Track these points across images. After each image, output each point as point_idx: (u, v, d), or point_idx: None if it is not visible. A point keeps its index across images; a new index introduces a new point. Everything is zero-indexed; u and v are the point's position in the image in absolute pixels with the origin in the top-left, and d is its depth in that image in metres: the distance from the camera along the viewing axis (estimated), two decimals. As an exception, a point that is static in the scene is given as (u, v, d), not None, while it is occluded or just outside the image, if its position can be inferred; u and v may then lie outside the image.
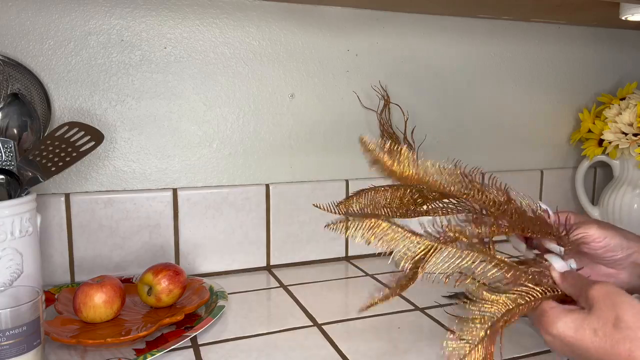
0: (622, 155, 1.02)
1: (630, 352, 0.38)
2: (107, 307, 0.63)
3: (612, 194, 1.04)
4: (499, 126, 1.06)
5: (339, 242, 0.94)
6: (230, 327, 0.66)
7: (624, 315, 0.40)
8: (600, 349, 0.40)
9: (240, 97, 0.85)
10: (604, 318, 0.40)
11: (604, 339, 0.40)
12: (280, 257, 0.90)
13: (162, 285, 0.67)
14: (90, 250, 0.79)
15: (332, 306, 0.73)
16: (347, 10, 0.90)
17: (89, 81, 0.77)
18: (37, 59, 0.74)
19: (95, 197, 0.78)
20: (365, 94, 0.93)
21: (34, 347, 0.49)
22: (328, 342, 0.62)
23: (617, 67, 1.15)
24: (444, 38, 0.98)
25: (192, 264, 0.84)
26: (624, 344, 0.39)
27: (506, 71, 1.05)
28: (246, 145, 0.87)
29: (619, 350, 0.39)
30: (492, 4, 0.88)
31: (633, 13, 0.86)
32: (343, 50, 0.91)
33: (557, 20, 1.04)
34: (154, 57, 0.80)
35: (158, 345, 0.58)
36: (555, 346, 0.43)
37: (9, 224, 0.59)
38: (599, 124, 1.04)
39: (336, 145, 0.93)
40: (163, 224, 0.82)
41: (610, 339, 0.39)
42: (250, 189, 0.87)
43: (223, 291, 0.73)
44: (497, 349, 0.45)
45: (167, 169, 0.83)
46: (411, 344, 0.61)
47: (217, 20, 0.83)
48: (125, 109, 0.79)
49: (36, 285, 0.62)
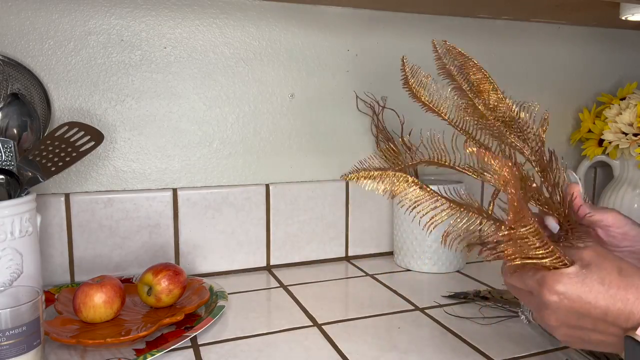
0: (622, 155, 1.02)
1: (638, 297, 0.41)
2: (107, 307, 0.63)
3: (612, 194, 1.04)
4: (499, 126, 1.06)
5: (339, 242, 0.94)
6: (230, 327, 0.66)
7: (624, 265, 0.43)
8: (609, 297, 0.41)
9: (240, 97, 0.86)
10: (607, 268, 0.42)
11: (610, 285, 0.42)
12: (280, 257, 0.90)
13: (162, 285, 0.67)
14: (90, 250, 0.79)
15: (332, 306, 0.73)
16: (347, 10, 0.90)
17: (88, 81, 0.77)
18: (37, 59, 0.74)
19: (95, 197, 0.78)
20: (365, 94, 0.93)
21: (34, 347, 0.49)
22: (328, 342, 0.62)
23: (617, 67, 1.15)
24: (443, 38, 0.97)
25: (192, 264, 0.84)
26: (632, 289, 0.41)
27: (506, 71, 1.05)
28: (246, 145, 0.87)
29: (627, 296, 0.41)
30: (492, 3, 0.88)
31: (633, 13, 0.86)
32: (343, 50, 0.91)
33: (557, 20, 1.04)
34: (154, 57, 0.80)
35: (158, 345, 0.58)
36: (560, 307, 0.43)
37: (9, 224, 0.59)
38: (599, 124, 1.04)
39: (336, 145, 0.93)
40: (163, 224, 0.82)
41: (617, 284, 0.41)
42: (250, 189, 0.87)
43: (223, 291, 0.73)
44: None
45: (167, 169, 0.83)
46: (411, 344, 0.61)
47: (217, 20, 0.83)
48: (125, 109, 0.79)
49: (36, 285, 0.62)
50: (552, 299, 0.43)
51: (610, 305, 0.41)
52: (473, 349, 0.60)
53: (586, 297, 0.42)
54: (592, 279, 0.42)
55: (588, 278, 0.42)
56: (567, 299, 0.42)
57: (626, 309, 0.41)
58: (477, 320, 0.67)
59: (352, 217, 0.94)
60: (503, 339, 0.62)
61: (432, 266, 0.87)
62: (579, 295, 0.42)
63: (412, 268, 0.89)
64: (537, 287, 0.44)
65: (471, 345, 0.61)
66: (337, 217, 0.93)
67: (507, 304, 0.71)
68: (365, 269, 0.89)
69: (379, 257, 0.97)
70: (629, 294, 0.41)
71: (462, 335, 0.63)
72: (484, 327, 0.65)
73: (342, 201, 0.93)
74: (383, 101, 0.94)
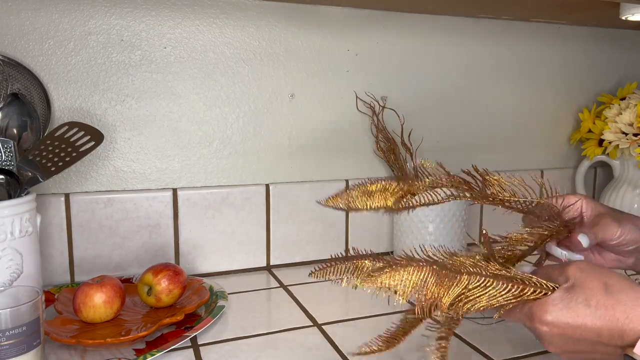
0: (622, 155, 1.02)
1: (627, 315, 0.39)
2: (107, 307, 0.63)
3: (612, 194, 1.04)
4: (499, 126, 1.06)
5: (339, 242, 0.94)
6: (230, 327, 0.66)
7: (610, 281, 0.40)
8: (597, 319, 0.40)
9: (240, 97, 0.85)
10: (591, 287, 0.41)
11: (597, 306, 0.40)
12: (280, 257, 0.90)
13: (162, 285, 0.67)
14: (90, 250, 0.79)
15: (332, 306, 0.73)
16: (347, 10, 0.90)
17: (88, 81, 0.77)
18: (37, 59, 0.74)
19: (95, 197, 0.78)
20: (365, 94, 0.93)
21: (34, 347, 0.49)
22: (328, 342, 0.62)
23: (617, 67, 1.15)
24: (444, 38, 0.98)
25: (192, 264, 0.84)
26: (619, 307, 0.39)
27: (506, 71, 1.05)
28: (246, 145, 0.87)
29: (615, 315, 0.39)
30: (492, 4, 0.88)
31: (633, 13, 0.86)
32: (343, 50, 0.91)
33: (557, 20, 1.04)
34: (154, 57, 0.80)
35: (158, 345, 0.58)
36: (554, 336, 0.42)
37: (9, 224, 0.59)
38: (599, 124, 1.04)
39: (336, 145, 0.93)
40: (163, 224, 0.82)
41: (604, 304, 0.40)
42: (250, 189, 0.87)
43: (223, 291, 0.73)
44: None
45: (167, 169, 0.83)
46: (411, 344, 0.61)
47: (217, 20, 0.83)
48: (125, 109, 0.79)
49: (36, 285, 0.62)
50: (543, 330, 0.42)
51: (602, 326, 0.40)
52: (473, 349, 0.60)
53: (574, 322, 0.40)
54: (577, 302, 0.41)
55: (573, 302, 0.41)
56: (557, 327, 0.41)
57: (617, 327, 0.39)
58: (477, 320, 0.67)
59: (352, 217, 0.94)
60: (503, 339, 0.62)
61: (432, 266, 0.87)
62: (567, 322, 0.41)
63: (412, 268, 0.88)
64: (528, 322, 0.43)
65: (471, 345, 0.61)
66: (337, 217, 0.93)
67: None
68: (365, 269, 0.89)
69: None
70: (617, 312, 0.39)
71: (462, 335, 0.63)
72: (484, 327, 0.65)
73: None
74: (383, 101, 0.94)
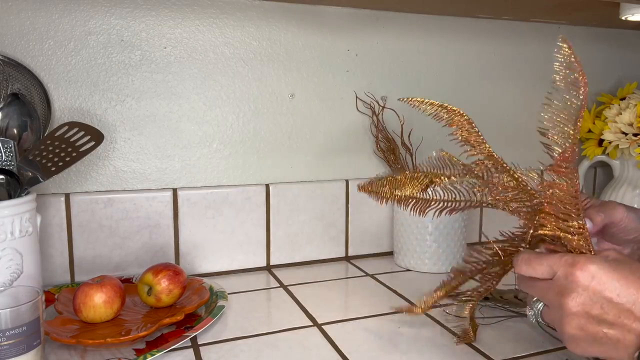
0: (622, 155, 1.02)
1: None
2: (107, 307, 0.63)
3: (612, 194, 1.04)
4: (498, 126, 1.06)
5: (339, 242, 0.94)
6: (230, 327, 0.66)
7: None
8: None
9: (240, 97, 0.86)
10: (635, 264, 0.42)
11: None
12: (280, 257, 0.90)
13: (162, 285, 0.67)
14: (90, 250, 0.79)
15: (332, 306, 0.73)
16: (347, 10, 0.90)
17: (88, 81, 0.77)
18: (37, 59, 0.74)
19: (95, 197, 0.78)
20: (365, 94, 0.93)
21: (34, 347, 0.49)
22: (328, 342, 0.62)
23: (617, 67, 1.15)
24: (444, 38, 0.98)
25: (192, 264, 0.84)
26: None
27: (506, 71, 1.05)
28: (246, 145, 0.87)
29: None
30: (492, 4, 0.88)
31: (633, 13, 0.86)
32: (343, 50, 0.91)
33: (557, 20, 1.04)
34: (154, 57, 0.80)
35: (158, 345, 0.58)
36: (588, 290, 0.41)
37: (9, 224, 0.59)
38: (599, 124, 1.04)
39: (336, 145, 0.93)
40: (163, 224, 0.82)
41: None
42: (250, 189, 0.87)
43: (223, 291, 0.73)
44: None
45: (167, 169, 0.83)
46: (411, 344, 0.61)
47: (217, 20, 0.83)
48: (125, 109, 0.79)
49: (36, 285, 0.62)
50: (583, 279, 0.41)
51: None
52: (473, 349, 0.60)
53: (617, 283, 0.40)
54: (624, 268, 0.41)
55: (620, 266, 0.41)
56: (597, 282, 0.40)
57: None
58: (477, 320, 0.67)
59: (352, 217, 0.94)
60: (503, 339, 0.62)
61: (432, 266, 0.87)
62: (611, 279, 0.40)
63: (412, 268, 0.89)
64: (565, 268, 0.42)
65: (471, 345, 0.61)
66: (337, 217, 0.93)
67: (507, 304, 0.71)
68: (365, 269, 0.89)
69: (379, 257, 0.97)
70: None
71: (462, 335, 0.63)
72: (484, 327, 0.65)
73: (342, 201, 0.93)
74: (383, 101, 0.94)
